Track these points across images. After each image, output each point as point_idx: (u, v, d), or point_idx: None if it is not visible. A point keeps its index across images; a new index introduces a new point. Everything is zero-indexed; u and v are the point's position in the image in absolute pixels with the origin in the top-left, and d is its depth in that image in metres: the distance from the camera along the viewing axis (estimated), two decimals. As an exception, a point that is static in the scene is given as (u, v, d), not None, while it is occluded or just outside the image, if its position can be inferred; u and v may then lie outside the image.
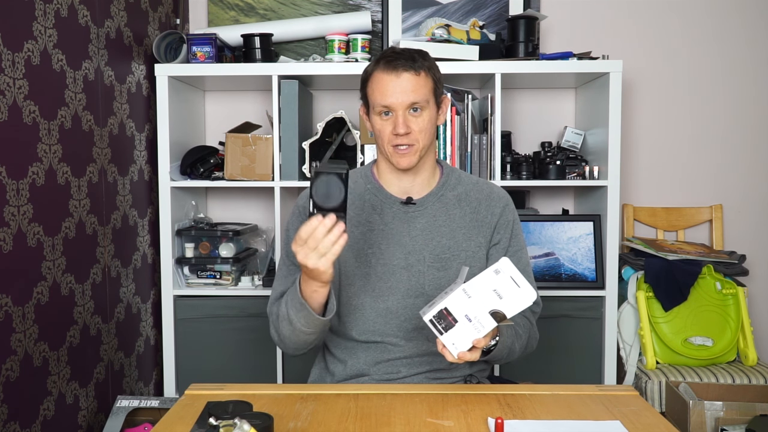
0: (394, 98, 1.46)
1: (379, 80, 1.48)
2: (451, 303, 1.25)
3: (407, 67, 1.46)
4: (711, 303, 2.46)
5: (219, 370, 2.42)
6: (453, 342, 1.26)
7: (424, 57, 1.50)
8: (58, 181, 1.89)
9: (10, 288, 1.66)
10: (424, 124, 1.49)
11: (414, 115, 1.48)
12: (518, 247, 1.59)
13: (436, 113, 1.54)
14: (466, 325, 1.25)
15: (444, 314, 1.26)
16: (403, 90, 1.46)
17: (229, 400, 1.20)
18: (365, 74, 1.53)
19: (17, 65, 1.69)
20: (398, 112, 1.47)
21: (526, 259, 1.60)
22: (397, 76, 1.46)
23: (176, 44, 2.50)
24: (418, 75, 1.47)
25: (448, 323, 1.25)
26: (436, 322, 1.26)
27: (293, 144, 2.41)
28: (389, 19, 2.72)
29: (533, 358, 2.39)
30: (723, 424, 1.98)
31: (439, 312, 1.26)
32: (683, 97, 2.82)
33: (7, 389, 1.64)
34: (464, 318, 1.25)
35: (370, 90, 1.51)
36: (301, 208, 1.58)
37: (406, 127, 1.47)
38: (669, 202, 2.84)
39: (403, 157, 1.50)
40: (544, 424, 1.21)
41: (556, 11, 2.77)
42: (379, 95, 1.48)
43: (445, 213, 1.56)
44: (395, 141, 1.48)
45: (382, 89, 1.47)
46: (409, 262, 1.52)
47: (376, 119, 1.51)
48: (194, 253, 2.48)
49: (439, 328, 1.26)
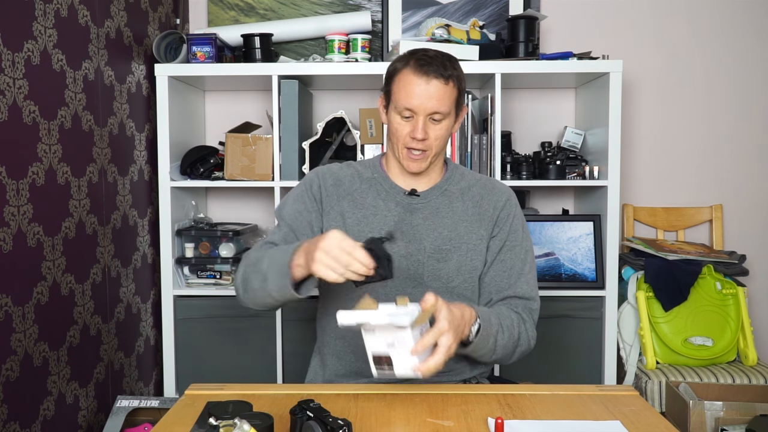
0: (419, 103, 1.45)
1: (407, 81, 1.46)
2: (371, 347, 1.24)
3: (438, 74, 1.44)
4: (711, 303, 2.46)
5: (219, 370, 2.42)
6: (404, 368, 1.23)
7: (454, 66, 1.48)
8: (58, 181, 1.89)
9: (10, 288, 1.66)
10: (441, 132, 1.49)
11: (434, 123, 1.48)
12: (515, 242, 1.57)
13: (454, 122, 1.53)
14: (396, 350, 1.23)
15: (377, 359, 1.25)
16: (430, 97, 1.45)
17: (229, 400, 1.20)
18: (393, 69, 1.51)
19: (17, 65, 1.69)
20: (420, 117, 1.46)
21: (523, 255, 1.57)
22: (427, 82, 1.44)
23: (176, 44, 2.51)
24: (447, 84, 1.46)
25: (387, 362, 1.24)
26: (384, 369, 1.25)
27: (293, 144, 2.41)
28: (389, 19, 2.72)
29: (533, 358, 2.39)
30: (723, 424, 1.98)
31: (374, 360, 1.25)
32: (683, 97, 2.82)
33: (7, 389, 1.64)
34: (388, 346, 1.23)
35: (395, 87, 1.49)
36: (307, 185, 1.58)
37: (424, 133, 1.46)
38: (669, 202, 2.84)
39: (414, 162, 1.51)
40: (544, 424, 1.21)
41: (556, 11, 2.77)
42: (405, 96, 1.46)
43: (448, 205, 1.57)
44: (410, 144, 1.48)
45: (408, 91, 1.46)
46: (408, 251, 1.52)
47: (395, 117, 1.50)
48: (194, 253, 2.48)
49: (388, 371, 1.25)
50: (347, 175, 1.60)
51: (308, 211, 1.55)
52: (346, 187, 1.58)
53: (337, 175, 1.60)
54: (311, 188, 1.58)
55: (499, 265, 1.55)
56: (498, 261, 1.56)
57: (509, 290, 1.54)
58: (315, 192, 1.57)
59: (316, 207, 1.56)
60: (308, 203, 1.57)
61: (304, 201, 1.57)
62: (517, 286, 1.54)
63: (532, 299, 1.56)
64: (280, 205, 1.60)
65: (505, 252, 1.56)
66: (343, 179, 1.59)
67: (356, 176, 1.60)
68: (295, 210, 1.56)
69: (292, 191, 1.62)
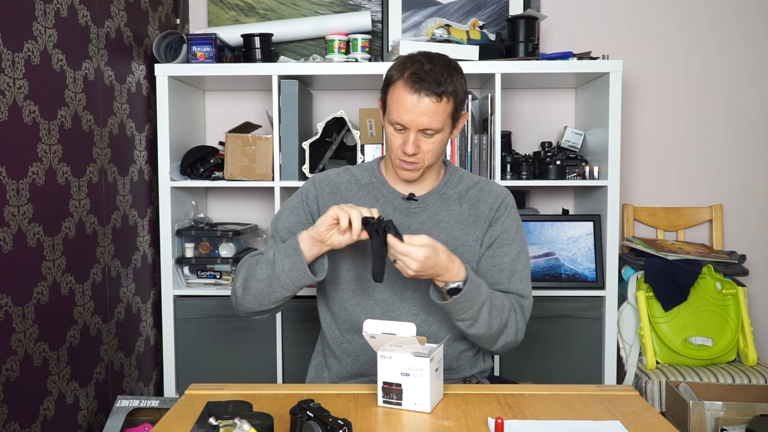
0: (410, 119, 1.44)
1: (399, 95, 1.45)
2: (384, 375, 1.27)
3: (429, 92, 1.42)
4: (711, 303, 2.46)
5: (219, 370, 2.42)
6: (412, 402, 1.25)
7: (451, 78, 1.44)
8: (58, 181, 1.89)
9: (10, 288, 1.66)
10: (433, 147, 1.48)
11: (426, 137, 1.47)
12: (507, 241, 1.56)
13: (451, 131, 1.52)
14: (409, 381, 1.25)
15: (387, 389, 1.27)
16: (421, 114, 1.43)
17: (229, 400, 1.20)
18: (389, 77, 1.49)
19: (17, 65, 1.69)
20: (411, 132, 1.45)
21: (515, 255, 1.56)
22: (419, 99, 1.42)
23: (176, 44, 2.51)
24: (440, 101, 1.43)
25: (396, 393, 1.26)
26: (392, 399, 1.27)
27: (293, 144, 2.41)
28: (389, 19, 2.72)
29: (533, 358, 2.41)
30: (723, 424, 1.98)
31: (383, 390, 1.27)
32: (683, 97, 2.82)
33: (7, 389, 1.64)
34: (402, 376, 1.25)
35: (389, 98, 1.48)
36: (303, 195, 1.60)
37: (415, 148, 1.46)
38: (669, 202, 2.84)
39: (406, 172, 1.51)
40: (544, 424, 1.21)
41: (556, 11, 2.77)
42: (396, 111, 1.45)
43: (445, 209, 1.57)
44: (401, 157, 1.48)
45: (399, 106, 1.45)
46: None
47: (389, 128, 1.50)
48: (194, 253, 2.48)
49: (395, 402, 1.26)
50: (344, 182, 1.61)
51: (302, 224, 1.56)
52: (344, 194, 1.58)
53: (334, 182, 1.61)
54: (307, 199, 1.59)
55: (488, 261, 1.55)
56: (487, 257, 1.55)
57: (501, 285, 1.53)
58: (311, 203, 1.58)
59: (311, 220, 1.55)
60: (303, 216, 1.57)
61: (299, 214, 1.58)
62: (510, 282, 1.54)
63: (525, 297, 1.55)
64: (276, 216, 1.62)
65: (495, 248, 1.55)
66: (340, 186, 1.60)
67: (353, 182, 1.60)
68: (290, 223, 1.58)
69: (289, 201, 1.62)
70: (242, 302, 1.51)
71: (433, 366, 1.24)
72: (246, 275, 1.49)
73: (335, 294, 1.57)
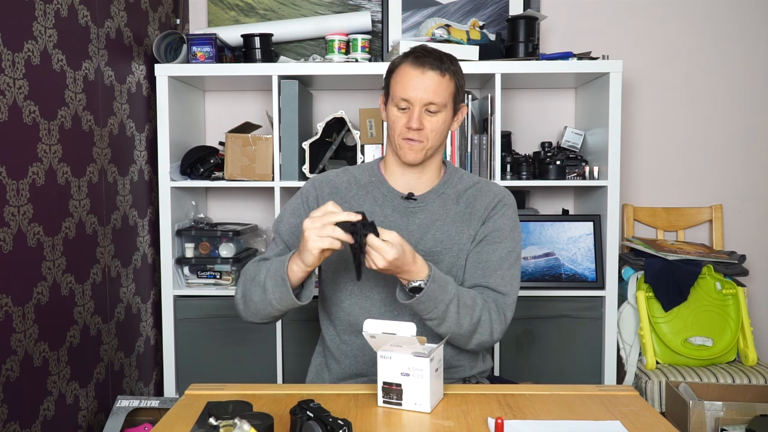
0: (415, 93, 1.49)
1: (404, 73, 1.51)
2: (384, 376, 1.26)
3: (434, 66, 1.49)
4: (711, 303, 2.46)
5: (219, 370, 2.42)
6: (411, 402, 1.25)
7: (451, 61, 1.54)
8: (58, 181, 1.89)
9: (10, 288, 1.66)
10: (437, 125, 1.51)
11: (429, 115, 1.50)
12: (498, 239, 1.55)
13: (452, 118, 1.56)
14: (409, 381, 1.25)
15: (387, 389, 1.26)
16: (425, 87, 1.48)
17: (229, 400, 1.20)
18: (392, 65, 1.56)
19: (17, 65, 1.69)
20: (415, 107, 1.49)
21: (504, 253, 1.54)
22: (422, 73, 1.49)
23: (176, 44, 2.51)
24: (443, 77, 1.50)
25: (396, 393, 1.26)
26: (392, 399, 1.26)
27: (293, 144, 2.42)
28: (389, 19, 2.72)
29: (533, 358, 2.41)
30: (723, 424, 1.98)
31: (383, 390, 1.27)
32: (683, 97, 2.82)
33: (7, 389, 1.64)
34: (402, 376, 1.25)
35: (393, 81, 1.53)
36: (303, 197, 1.61)
37: (419, 123, 1.49)
38: (669, 202, 2.84)
39: (410, 152, 1.52)
40: (544, 424, 1.21)
41: (556, 11, 2.77)
42: (401, 88, 1.50)
43: (443, 209, 1.57)
44: (406, 134, 1.50)
45: (405, 82, 1.50)
46: None
47: (393, 110, 1.53)
48: (194, 253, 2.48)
49: (395, 402, 1.26)
50: (344, 182, 1.61)
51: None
52: (343, 194, 1.59)
53: (333, 182, 1.61)
54: (307, 200, 1.60)
55: (475, 257, 1.54)
56: (474, 253, 1.54)
57: (481, 280, 1.52)
58: (311, 204, 1.58)
59: None
60: (303, 217, 1.57)
61: (300, 215, 1.58)
62: (491, 278, 1.51)
63: (505, 294, 1.51)
64: (277, 219, 1.62)
65: (483, 245, 1.54)
66: (339, 186, 1.61)
67: (353, 182, 1.61)
68: (291, 225, 1.58)
69: (290, 203, 1.63)
70: (245, 315, 1.53)
71: (433, 366, 1.25)
72: (243, 291, 1.50)
73: (332, 295, 1.58)
